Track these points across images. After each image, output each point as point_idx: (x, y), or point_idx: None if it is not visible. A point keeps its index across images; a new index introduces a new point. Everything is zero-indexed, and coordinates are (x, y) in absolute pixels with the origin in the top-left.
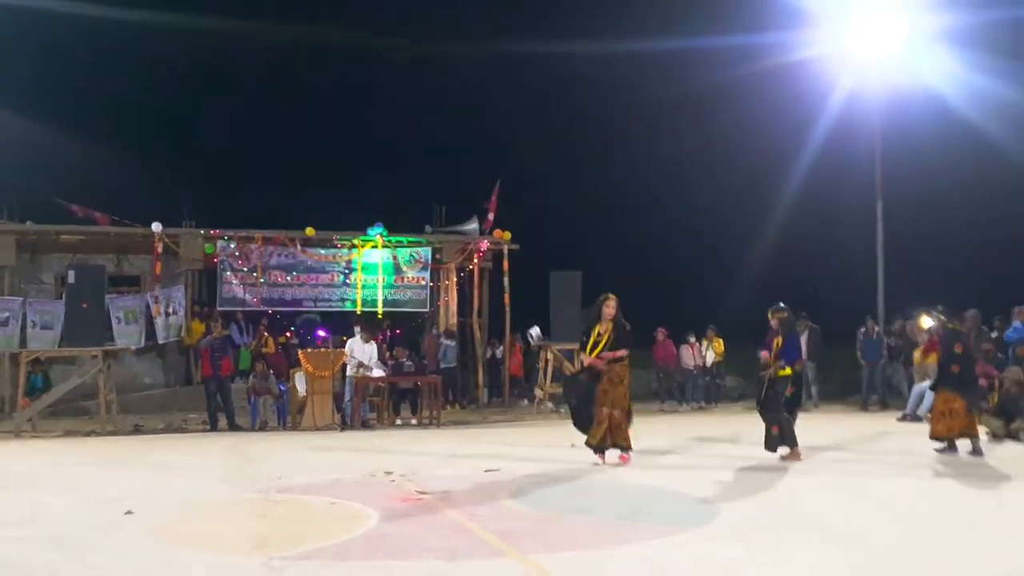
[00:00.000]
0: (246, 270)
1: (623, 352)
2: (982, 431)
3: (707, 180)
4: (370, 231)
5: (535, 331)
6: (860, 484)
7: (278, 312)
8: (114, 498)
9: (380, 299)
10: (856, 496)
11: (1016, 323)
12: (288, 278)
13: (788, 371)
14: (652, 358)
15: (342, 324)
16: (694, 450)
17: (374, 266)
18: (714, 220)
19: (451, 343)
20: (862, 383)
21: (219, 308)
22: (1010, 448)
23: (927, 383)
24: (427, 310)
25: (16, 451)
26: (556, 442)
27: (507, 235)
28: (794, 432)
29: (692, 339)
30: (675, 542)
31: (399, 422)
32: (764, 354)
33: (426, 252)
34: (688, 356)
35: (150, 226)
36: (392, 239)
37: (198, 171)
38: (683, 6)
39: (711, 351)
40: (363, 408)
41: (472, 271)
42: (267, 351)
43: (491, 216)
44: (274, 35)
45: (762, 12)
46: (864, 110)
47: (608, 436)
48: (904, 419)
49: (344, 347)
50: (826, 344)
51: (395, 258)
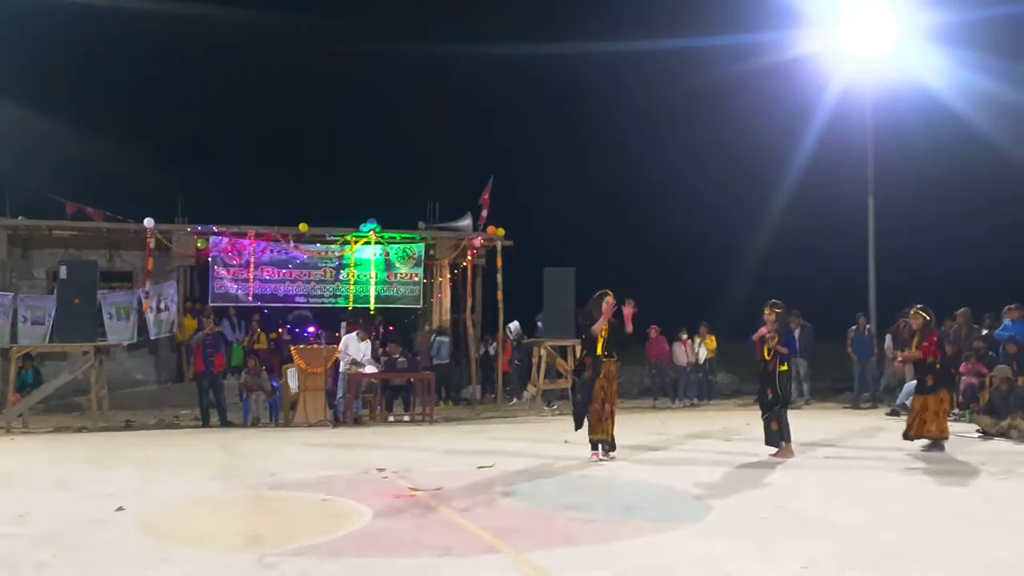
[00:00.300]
0: (238, 266)
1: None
2: (972, 428)
3: (701, 178)
4: (363, 227)
5: (514, 326)
6: (851, 481)
7: (269, 308)
8: (105, 495)
9: (373, 295)
10: (847, 493)
11: (1006, 321)
12: (280, 274)
13: (786, 367)
14: (645, 355)
15: (335, 320)
16: (687, 446)
17: (367, 262)
18: (707, 217)
19: (444, 340)
20: (853, 380)
21: (211, 304)
22: (999, 445)
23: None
24: (420, 306)
25: (6, 448)
26: (549, 438)
27: (501, 232)
28: (789, 428)
29: (685, 336)
30: (668, 538)
31: (392, 419)
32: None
33: (419, 248)
34: (681, 353)
35: (142, 222)
36: (385, 235)
37: (191, 167)
38: (678, 6)
39: (704, 348)
40: (356, 404)
41: (466, 267)
42: (259, 347)
43: (485, 212)
44: (269, 30)
45: (756, 12)
46: (856, 108)
47: (610, 431)
48: (894, 413)
49: (336, 343)
50: (818, 341)
51: (388, 254)
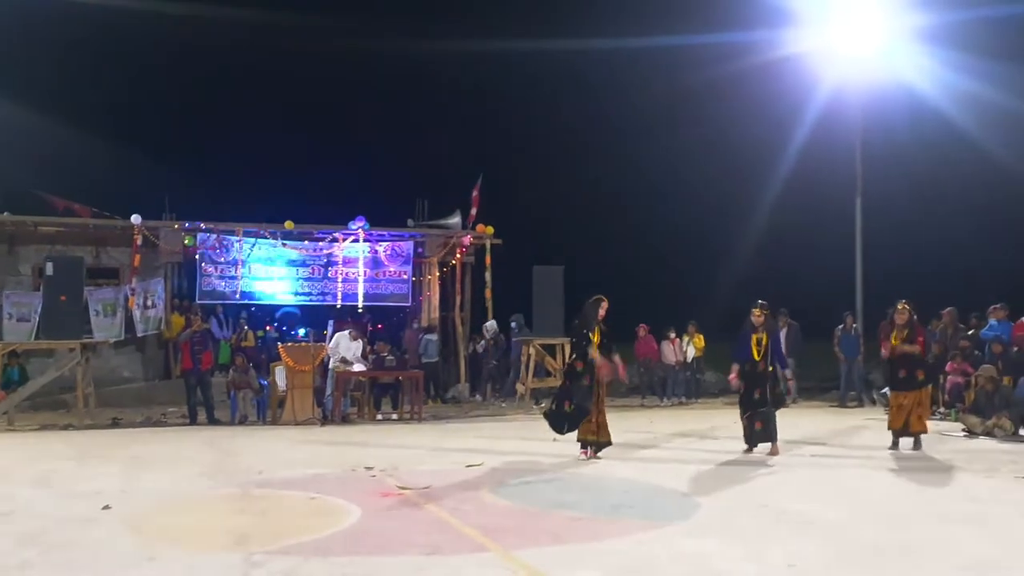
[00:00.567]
0: (226, 263)
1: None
2: (958, 427)
3: (690, 176)
4: (351, 224)
5: (490, 325)
6: (837, 479)
7: (256, 305)
8: (91, 493)
9: (361, 293)
10: (833, 491)
11: (992, 321)
12: (268, 271)
13: (773, 368)
14: (633, 354)
15: (323, 318)
16: (675, 445)
17: (355, 260)
18: (696, 216)
19: (431, 337)
20: (840, 379)
21: (198, 301)
22: (984, 444)
23: None
24: (408, 304)
25: None
26: (538, 436)
27: (490, 230)
28: (776, 428)
29: (673, 335)
30: (655, 536)
31: (380, 417)
32: (734, 379)
33: (408, 246)
34: (669, 352)
35: (129, 218)
36: (374, 233)
37: (179, 164)
38: (667, 5)
39: (692, 347)
40: (344, 403)
41: (454, 265)
42: (246, 344)
43: (474, 211)
44: (257, 26)
45: (745, 11)
46: (846, 107)
47: (601, 433)
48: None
49: (324, 341)
50: (805, 340)
51: (376, 252)
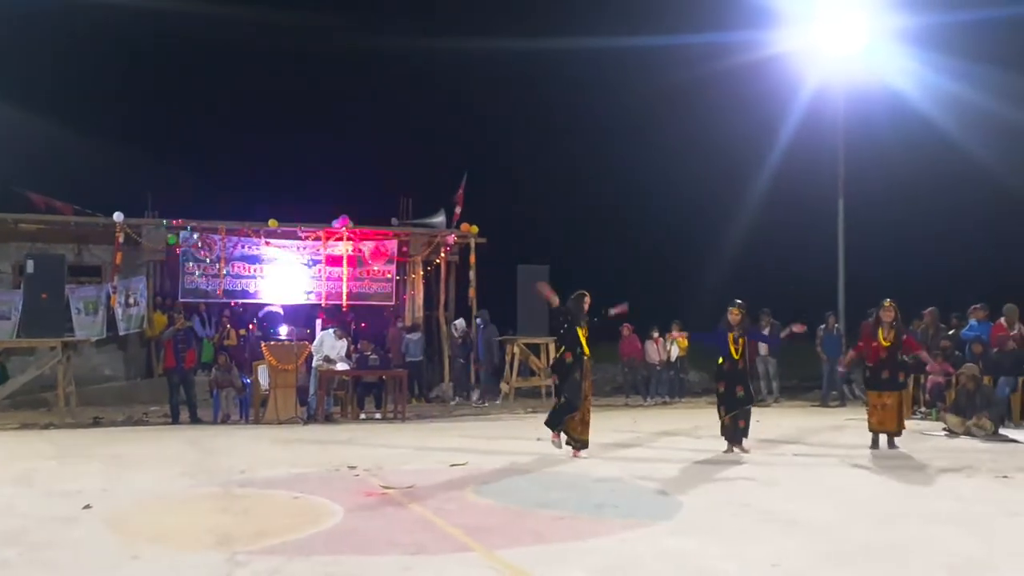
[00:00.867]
0: (209, 261)
1: None
2: (939, 427)
3: (674, 176)
4: (335, 223)
5: (459, 323)
6: (820, 478)
7: (240, 304)
8: (72, 492)
9: (345, 292)
10: (816, 490)
11: (972, 321)
12: (251, 270)
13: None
14: (618, 353)
15: (306, 317)
16: (658, 444)
17: (339, 259)
18: (680, 216)
19: (414, 336)
20: (822, 379)
21: (181, 300)
22: (965, 443)
23: None
24: (392, 303)
25: None
26: (522, 435)
27: (474, 229)
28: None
29: (656, 334)
30: (639, 535)
31: (363, 416)
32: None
33: (392, 245)
34: (653, 351)
35: (112, 216)
36: (358, 231)
37: (161, 161)
38: (652, 5)
39: (675, 346)
40: (327, 402)
41: (439, 264)
42: (229, 343)
43: (458, 209)
44: (241, 24)
45: (730, 12)
46: (829, 107)
47: (584, 430)
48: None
49: (307, 339)
50: (787, 340)
51: (360, 251)
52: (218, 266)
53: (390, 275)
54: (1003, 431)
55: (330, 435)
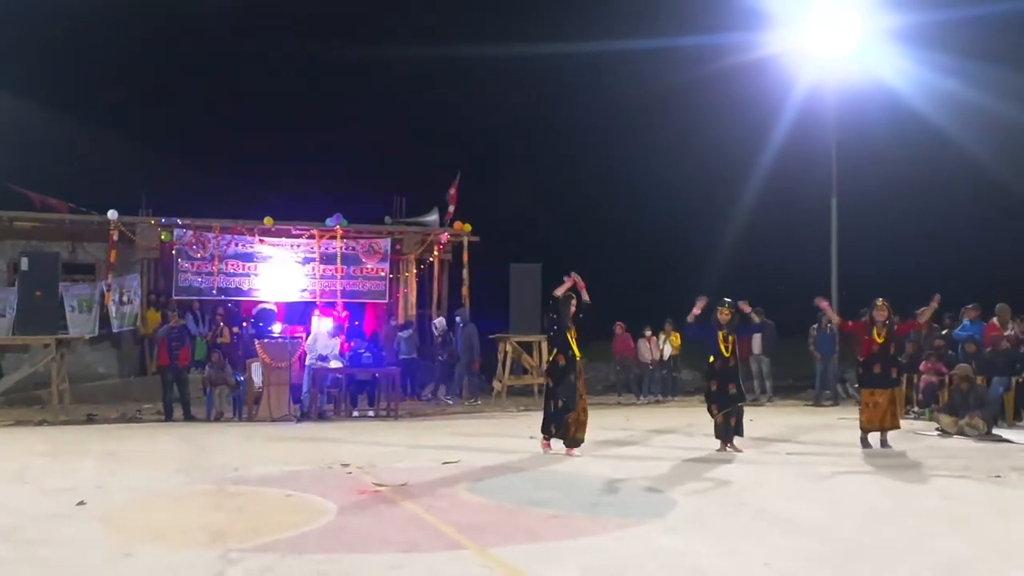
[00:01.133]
0: (203, 259)
1: None
2: (932, 426)
3: (666, 177)
4: (329, 221)
5: (439, 322)
6: (812, 477)
7: (233, 302)
8: (66, 489)
9: (339, 290)
10: (809, 489)
11: (965, 321)
12: (245, 268)
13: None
14: (611, 351)
15: (300, 315)
16: (651, 442)
17: (333, 256)
18: (673, 215)
19: (406, 334)
20: (815, 378)
21: (175, 297)
22: (957, 443)
23: None
24: (386, 301)
25: None
26: (514, 433)
27: (467, 227)
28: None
29: (649, 333)
30: (632, 534)
31: (356, 414)
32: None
33: (385, 243)
34: (646, 350)
35: (106, 214)
36: (351, 229)
37: (156, 159)
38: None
39: (668, 345)
40: (320, 399)
41: (432, 263)
42: (223, 341)
43: (451, 208)
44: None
45: (723, 13)
46: (822, 107)
47: (579, 430)
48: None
49: (300, 338)
50: (781, 339)
51: (354, 249)
52: (212, 264)
53: (383, 273)
54: (996, 431)
55: (323, 433)
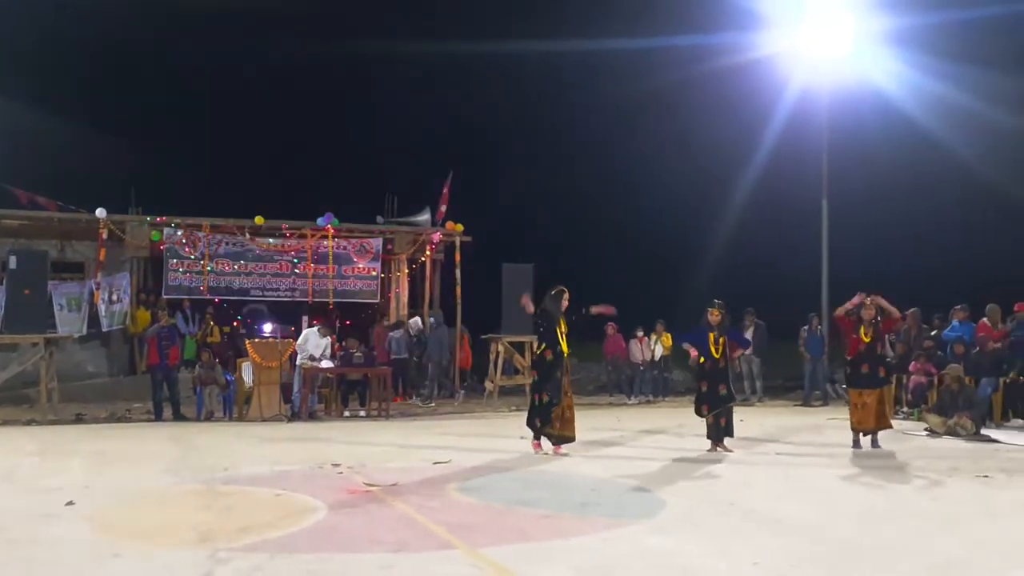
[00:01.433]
0: (193, 258)
1: None
2: (921, 427)
3: (659, 177)
4: (320, 220)
5: (413, 322)
6: (802, 477)
7: (225, 301)
8: (54, 488)
9: (330, 289)
10: (798, 489)
11: (954, 321)
12: (236, 267)
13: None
14: (602, 352)
15: (291, 314)
16: (642, 442)
17: (324, 256)
18: (665, 216)
19: (397, 334)
20: (805, 378)
21: (165, 296)
22: (947, 443)
23: None
24: (377, 301)
25: None
26: (505, 434)
27: (459, 227)
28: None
29: (641, 333)
30: (622, 534)
31: (347, 413)
32: (694, 354)
33: (377, 242)
34: (637, 350)
35: (95, 212)
36: (343, 229)
37: (146, 157)
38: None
39: (659, 345)
40: (311, 399)
41: (424, 262)
42: (213, 340)
43: (443, 208)
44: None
45: (716, 14)
46: (813, 109)
47: (565, 427)
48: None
49: (291, 337)
50: (771, 340)
51: (345, 248)
52: (202, 263)
53: (375, 273)
54: (984, 431)
55: (314, 433)
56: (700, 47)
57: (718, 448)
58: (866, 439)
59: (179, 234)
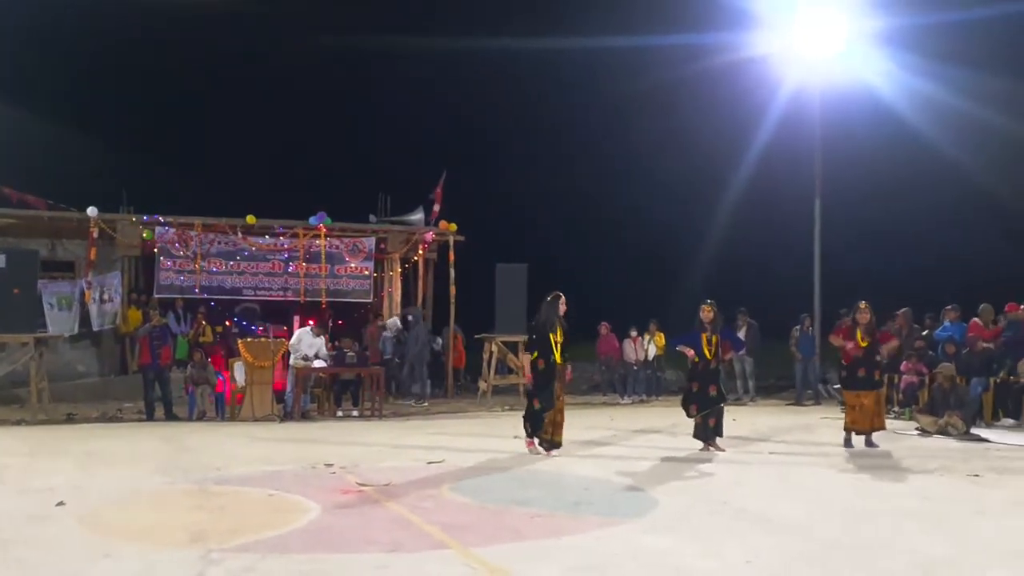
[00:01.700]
0: (185, 257)
1: None
2: (912, 426)
3: (652, 176)
4: (313, 219)
5: (392, 322)
6: (793, 477)
7: (215, 301)
8: (45, 489)
9: (323, 289)
10: (790, 488)
11: (946, 322)
12: (228, 266)
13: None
14: (595, 351)
15: (284, 313)
16: (634, 442)
17: (317, 255)
18: (658, 216)
19: (389, 334)
20: (796, 378)
21: (157, 296)
22: (937, 443)
23: None
24: (370, 300)
25: None
26: (498, 433)
27: (453, 227)
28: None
29: (634, 333)
30: (615, 533)
31: (340, 413)
32: (691, 354)
33: (370, 242)
34: (630, 350)
35: (86, 210)
36: (335, 228)
37: (137, 156)
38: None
39: (652, 345)
40: (304, 399)
41: (417, 262)
42: (204, 340)
43: (437, 207)
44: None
45: (709, 13)
46: (806, 109)
47: (555, 431)
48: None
49: (283, 336)
50: (763, 339)
51: (338, 247)
52: (194, 262)
53: (368, 272)
54: (975, 430)
55: (307, 432)
56: (693, 47)
57: (710, 447)
58: (859, 438)
59: (171, 233)
